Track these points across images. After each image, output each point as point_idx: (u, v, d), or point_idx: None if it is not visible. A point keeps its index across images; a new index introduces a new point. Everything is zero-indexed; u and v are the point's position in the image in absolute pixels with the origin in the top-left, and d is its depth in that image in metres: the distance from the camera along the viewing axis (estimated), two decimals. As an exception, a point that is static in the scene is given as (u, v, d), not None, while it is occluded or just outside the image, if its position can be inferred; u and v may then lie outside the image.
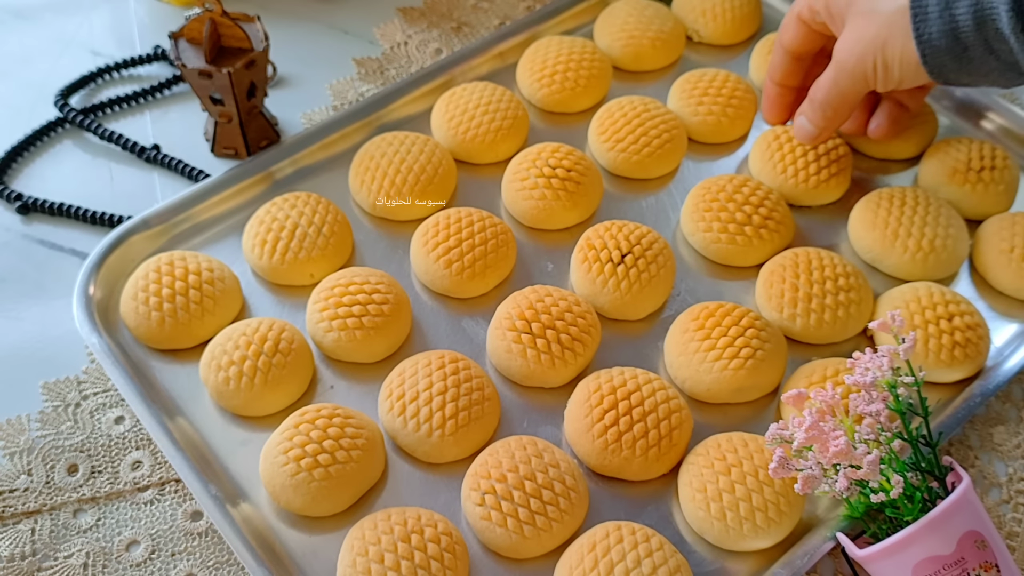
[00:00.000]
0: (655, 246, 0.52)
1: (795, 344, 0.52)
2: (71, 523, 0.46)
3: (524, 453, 0.44)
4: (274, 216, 0.53)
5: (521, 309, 0.49)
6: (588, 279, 0.52)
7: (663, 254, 0.52)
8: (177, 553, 0.45)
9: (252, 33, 0.56)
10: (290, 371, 0.48)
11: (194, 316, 0.50)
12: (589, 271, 0.52)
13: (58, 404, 0.49)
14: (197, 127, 0.62)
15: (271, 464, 0.44)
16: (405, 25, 0.70)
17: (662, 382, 0.47)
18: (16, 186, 0.59)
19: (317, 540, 0.44)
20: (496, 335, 0.50)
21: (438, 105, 0.61)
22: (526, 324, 0.49)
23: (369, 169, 0.56)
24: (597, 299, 0.52)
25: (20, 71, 0.66)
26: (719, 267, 0.56)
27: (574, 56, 0.63)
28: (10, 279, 0.55)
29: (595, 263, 0.52)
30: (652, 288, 0.52)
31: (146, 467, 0.47)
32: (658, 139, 0.59)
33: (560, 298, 0.50)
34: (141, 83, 0.65)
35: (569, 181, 0.55)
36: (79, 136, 0.62)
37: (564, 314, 0.49)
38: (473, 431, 0.46)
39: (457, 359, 0.48)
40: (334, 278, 0.51)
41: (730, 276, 0.55)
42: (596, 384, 0.47)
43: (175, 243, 0.55)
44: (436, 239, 0.52)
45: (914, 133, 0.61)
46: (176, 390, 0.49)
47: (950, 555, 0.39)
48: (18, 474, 0.47)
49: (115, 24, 0.69)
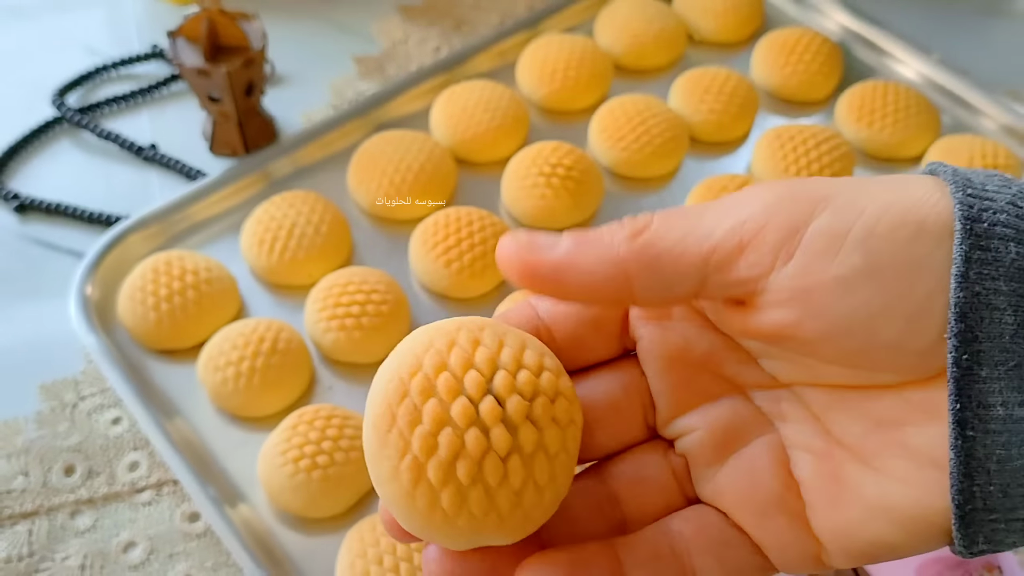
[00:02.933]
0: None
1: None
2: (68, 524, 0.45)
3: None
4: (272, 215, 0.53)
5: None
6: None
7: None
8: (175, 554, 0.45)
9: (250, 31, 0.56)
10: (288, 372, 0.47)
11: (192, 316, 0.49)
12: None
13: (55, 405, 0.49)
14: (195, 126, 0.62)
15: (269, 465, 0.44)
16: (405, 23, 0.70)
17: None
18: (12, 185, 0.59)
19: (316, 541, 0.44)
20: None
21: (438, 103, 0.61)
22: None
23: (368, 168, 0.56)
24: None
25: (16, 69, 0.65)
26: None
27: (575, 54, 0.63)
28: (6, 279, 0.54)
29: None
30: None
31: (144, 468, 0.47)
32: (659, 138, 0.58)
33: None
34: (139, 82, 0.65)
35: (569, 180, 0.55)
36: (76, 135, 0.62)
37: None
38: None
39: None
40: (333, 278, 0.50)
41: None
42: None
43: (173, 243, 0.55)
44: (436, 239, 0.52)
45: (918, 130, 0.61)
46: (174, 391, 0.49)
47: (953, 556, 0.39)
48: (15, 475, 0.47)
49: (112, 22, 0.69)
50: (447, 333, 0.22)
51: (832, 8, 0.69)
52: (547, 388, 0.22)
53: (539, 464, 0.21)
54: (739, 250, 0.21)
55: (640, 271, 0.22)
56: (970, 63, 0.67)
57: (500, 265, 0.23)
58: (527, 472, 0.21)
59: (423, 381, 0.21)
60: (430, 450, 0.21)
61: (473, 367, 0.21)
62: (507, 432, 0.21)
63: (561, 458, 0.22)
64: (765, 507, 0.23)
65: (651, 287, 0.22)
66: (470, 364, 0.22)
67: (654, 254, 0.22)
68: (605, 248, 0.22)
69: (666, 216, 0.22)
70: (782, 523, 0.22)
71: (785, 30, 0.66)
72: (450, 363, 0.22)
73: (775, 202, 0.21)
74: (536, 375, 0.22)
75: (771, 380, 0.24)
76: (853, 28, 0.68)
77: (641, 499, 0.24)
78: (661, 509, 0.24)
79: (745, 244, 0.21)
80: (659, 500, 0.24)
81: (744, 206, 0.21)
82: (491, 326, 0.23)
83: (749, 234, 0.21)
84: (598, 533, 0.24)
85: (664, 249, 0.22)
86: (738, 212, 0.21)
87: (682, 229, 0.22)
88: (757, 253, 0.21)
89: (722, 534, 0.23)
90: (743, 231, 0.21)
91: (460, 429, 0.21)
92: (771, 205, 0.21)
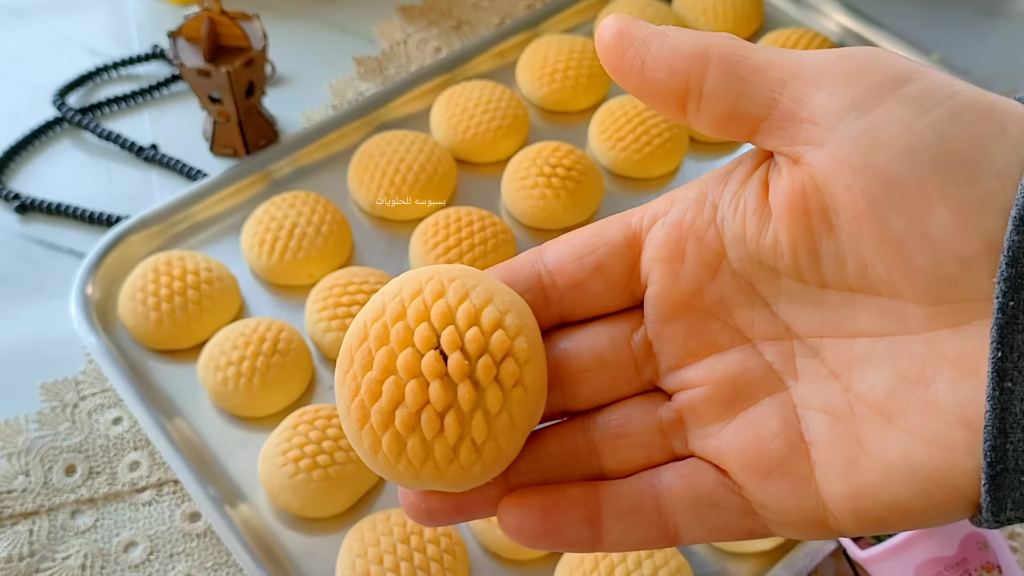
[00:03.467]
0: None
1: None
2: (69, 524, 0.45)
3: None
4: (273, 216, 0.53)
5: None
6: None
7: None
8: (175, 554, 0.45)
9: (251, 32, 0.56)
10: (289, 372, 0.47)
11: (192, 316, 0.49)
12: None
13: (56, 405, 0.49)
14: (195, 126, 0.62)
15: (270, 465, 0.44)
16: (405, 24, 0.70)
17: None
18: (14, 186, 0.59)
19: (316, 541, 0.44)
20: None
21: (437, 104, 0.61)
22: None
23: (368, 168, 0.56)
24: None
25: (18, 70, 0.65)
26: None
27: (575, 55, 0.63)
28: (7, 279, 0.54)
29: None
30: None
31: (144, 468, 0.47)
32: (659, 138, 0.58)
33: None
34: (139, 82, 0.65)
35: (569, 180, 0.55)
36: (77, 135, 0.62)
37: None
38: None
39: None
40: (333, 278, 0.51)
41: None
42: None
43: (173, 243, 0.55)
44: (436, 239, 0.52)
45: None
46: (174, 391, 0.49)
47: (952, 556, 0.39)
48: (16, 475, 0.47)
49: (113, 23, 0.69)
50: (418, 282, 0.23)
51: (832, 8, 0.69)
52: (495, 348, 0.22)
53: (476, 423, 0.21)
54: (820, 84, 0.20)
55: (720, 63, 0.21)
56: (970, 63, 0.67)
57: (596, 35, 0.22)
58: (463, 429, 0.21)
59: (380, 328, 0.22)
60: (374, 396, 0.22)
61: (427, 320, 0.22)
62: (444, 388, 0.21)
63: (503, 419, 0.22)
64: (769, 469, 0.22)
65: (722, 88, 0.21)
66: (425, 316, 0.22)
67: (741, 54, 0.21)
68: (700, 34, 0.22)
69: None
70: (786, 486, 0.21)
71: (785, 30, 0.66)
72: (408, 313, 0.22)
73: (874, 60, 0.20)
74: (487, 334, 0.22)
75: (785, 330, 0.22)
76: (853, 28, 0.68)
77: (621, 452, 0.23)
78: (640, 463, 0.23)
79: (829, 82, 0.20)
80: (639, 454, 0.23)
81: (843, 54, 0.21)
82: (465, 277, 0.23)
83: (836, 75, 0.20)
84: (571, 482, 0.23)
85: (751, 55, 0.21)
86: (834, 55, 0.21)
87: (774, 51, 0.21)
88: (836, 96, 0.20)
89: (712, 493, 0.22)
90: (832, 69, 0.20)
91: (403, 380, 0.21)
92: (868, 62, 0.20)
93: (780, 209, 0.21)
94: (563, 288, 0.24)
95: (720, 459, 0.22)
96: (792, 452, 0.21)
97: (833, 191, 0.20)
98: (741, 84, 0.21)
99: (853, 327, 0.21)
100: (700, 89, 0.21)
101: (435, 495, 0.23)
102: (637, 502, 0.22)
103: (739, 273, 0.22)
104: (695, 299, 0.23)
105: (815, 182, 0.20)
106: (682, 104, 0.22)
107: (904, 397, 0.20)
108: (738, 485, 0.22)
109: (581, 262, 0.24)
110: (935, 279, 0.19)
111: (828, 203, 0.20)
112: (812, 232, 0.21)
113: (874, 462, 0.20)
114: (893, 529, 0.21)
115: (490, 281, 0.23)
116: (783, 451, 0.22)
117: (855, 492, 0.20)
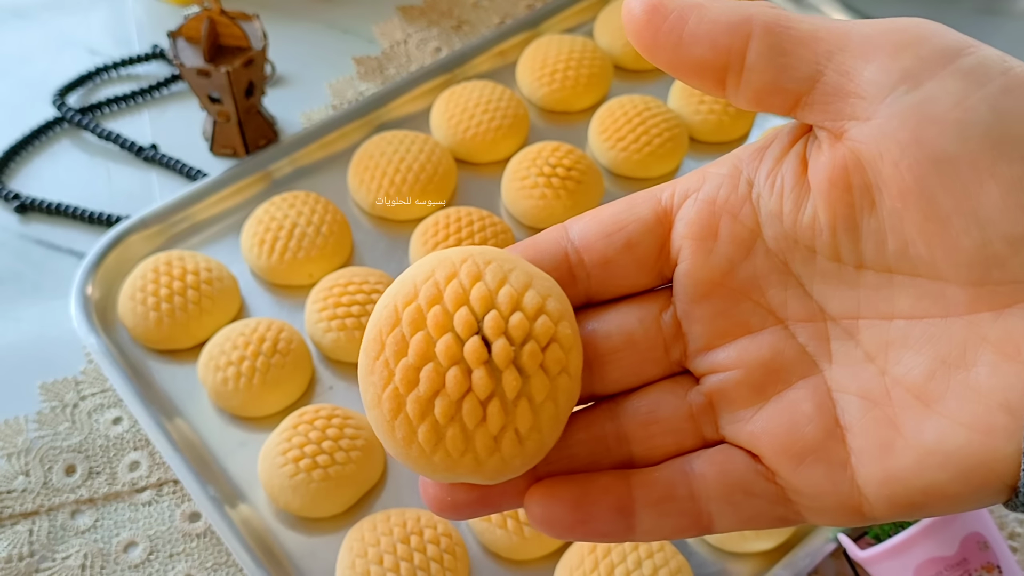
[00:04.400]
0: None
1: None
2: (69, 524, 0.45)
3: None
4: (272, 216, 0.53)
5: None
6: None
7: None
8: (175, 554, 0.45)
9: (251, 32, 0.56)
10: (289, 372, 0.47)
11: (192, 316, 0.49)
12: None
13: (56, 405, 0.49)
14: (195, 126, 0.62)
15: (270, 465, 0.44)
16: (405, 24, 0.70)
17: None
18: (13, 186, 0.59)
19: (316, 541, 0.44)
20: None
21: (438, 104, 0.61)
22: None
23: (368, 168, 0.56)
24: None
25: (17, 70, 0.65)
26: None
27: (575, 55, 0.63)
28: (7, 279, 0.54)
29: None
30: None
31: (144, 468, 0.47)
32: (659, 138, 0.58)
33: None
34: (139, 82, 0.65)
35: (569, 180, 0.55)
36: (77, 135, 0.62)
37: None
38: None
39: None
40: (333, 278, 0.51)
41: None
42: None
43: (173, 243, 0.55)
44: (436, 239, 0.52)
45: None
46: (174, 391, 0.49)
47: (952, 556, 0.39)
48: (16, 475, 0.47)
49: (113, 23, 0.69)
50: (451, 264, 0.21)
51: (832, 8, 0.69)
52: (540, 334, 0.21)
53: (521, 412, 0.20)
54: (868, 56, 0.19)
55: (764, 35, 0.20)
56: (970, 63, 0.67)
57: (625, 9, 0.21)
58: (507, 418, 0.20)
59: (415, 312, 0.21)
60: (411, 384, 0.20)
61: (467, 304, 0.21)
62: (488, 376, 0.20)
63: (547, 407, 0.21)
64: (804, 454, 0.21)
65: (765, 60, 0.20)
66: (464, 300, 0.21)
67: (785, 25, 0.20)
68: (739, 4, 0.20)
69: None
70: (821, 471, 0.21)
71: (785, 30, 0.66)
72: (445, 297, 0.21)
73: (924, 32, 0.19)
74: (532, 319, 0.21)
75: (818, 312, 0.22)
76: (853, 28, 0.68)
77: (651, 439, 0.23)
78: (671, 450, 0.23)
79: (877, 54, 0.19)
80: (670, 441, 0.23)
81: (891, 25, 0.20)
82: (500, 260, 0.22)
83: (885, 48, 0.19)
84: (600, 471, 0.22)
85: (795, 26, 0.20)
86: (882, 26, 0.20)
87: (819, 21, 0.20)
88: (885, 69, 0.19)
89: (745, 479, 0.22)
90: (880, 41, 0.19)
91: (443, 367, 0.20)
92: (918, 34, 0.19)
93: (820, 185, 0.20)
94: (590, 266, 0.23)
95: (753, 444, 0.22)
96: (827, 437, 0.21)
97: (879, 167, 0.19)
98: (784, 57, 0.20)
99: (890, 309, 0.20)
100: (742, 63, 0.20)
101: (462, 487, 0.22)
102: (669, 490, 0.22)
103: (773, 252, 0.22)
104: (727, 278, 0.22)
105: (858, 158, 0.20)
106: (721, 79, 0.21)
107: (943, 381, 0.19)
108: (771, 471, 0.22)
109: (610, 239, 0.23)
110: (980, 260, 0.19)
111: (872, 179, 0.19)
112: (853, 209, 0.20)
113: (910, 446, 0.20)
114: (927, 514, 0.20)
115: (524, 263, 0.22)
116: (818, 436, 0.21)
117: (890, 477, 0.20)
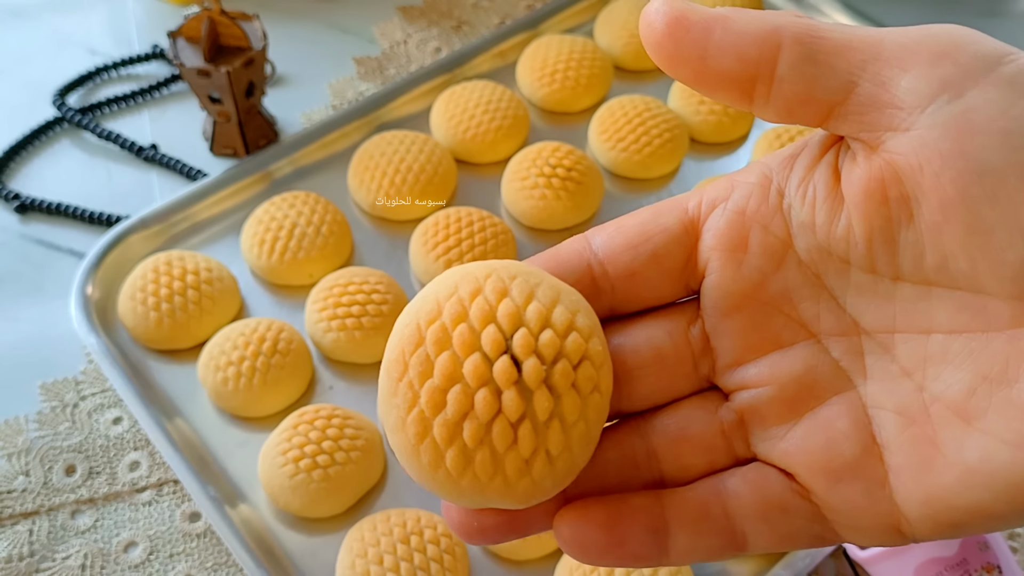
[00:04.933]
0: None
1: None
2: (69, 524, 0.45)
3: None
4: (272, 216, 0.53)
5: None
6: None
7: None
8: (175, 554, 0.45)
9: (251, 32, 0.56)
10: (289, 372, 0.47)
11: (192, 316, 0.49)
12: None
13: (56, 405, 0.49)
14: (195, 126, 0.62)
15: (270, 465, 0.44)
16: (405, 24, 0.70)
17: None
18: (13, 185, 0.59)
19: (316, 541, 0.44)
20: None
21: (438, 104, 0.61)
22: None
23: (368, 168, 0.56)
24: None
25: (17, 70, 0.65)
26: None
27: (575, 55, 0.63)
28: (7, 279, 0.54)
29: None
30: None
31: (144, 468, 0.47)
32: (659, 138, 0.58)
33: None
34: (139, 82, 0.65)
35: (569, 181, 0.55)
36: (77, 135, 0.62)
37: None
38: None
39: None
40: (333, 278, 0.51)
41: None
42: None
43: (173, 243, 0.55)
44: (436, 239, 0.52)
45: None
46: (174, 391, 0.49)
47: (952, 556, 0.39)
48: (16, 475, 0.47)
49: (113, 23, 0.69)
50: (475, 279, 0.20)
51: (832, 8, 0.69)
52: (571, 351, 0.20)
53: (553, 433, 0.20)
54: (905, 65, 0.19)
55: (794, 46, 0.19)
56: (970, 63, 0.67)
57: (643, 22, 0.20)
58: (538, 440, 0.20)
59: (439, 331, 0.20)
60: (437, 407, 0.19)
61: (494, 321, 0.20)
62: (519, 397, 0.19)
63: (579, 427, 0.20)
64: (840, 472, 0.20)
65: (796, 72, 0.19)
66: (491, 318, 0.20)
67: (816, 35, 0.19)
68: (765, 14, 0.20)
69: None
70: (858, 489, 0.20)
71: (785, 31, 0.66)
72: (470, 314, 0.20)
73: (961, 39, 0.19)
74: (562, 336, 0.20)
75: (853, 325, 0.21)
76: (853, 29, 0.68)
77: (683, 458, 0.22)
78: (703, 469, 0.22)
79: (914, 63, 0.18)
80: (702, 459, 0.22)
81: (926, 32, 0.19)
82: (525, 275, 0.21)
83: (922, 56, 0.18)
84: (631, 490, 0.22)
85: (827, 35, 0.19)
86: (917, 33, 0.19)
87: (850, 29, 0.20)
88: (923, 79, 0.18)
89: (780, 498, 0.21)
90: (916, 49, 0.19)
91: (471, 388, 0.19)
92: (955, 41, 0.19)
93: (855, 197, 0.20)
94: (615, 278, 0.22)
95: (787, 462, 0.21)
96: (864, 454, 0.20)
97: (918, 179, 0.19)
98: (816, 68, 0.19)
99: (928, 323, 0.20)
100: (772, 75, 0.20)
101: (489, 511, 0.21)
102: (704, 510, 0.21)
103: (806, 264, 0.21)
104: (758, 291, 0.21)
105: (895, 169, 0.19)
106: (749, 91, 0.20)
107: (985, 397, 0.19)
108: (806, 489, 0.21)
109: (636, 251, 0.22)
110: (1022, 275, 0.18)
111: (910, 191, 0.19)
112: (890, 221, 0.19)
113: (951, 464, 0.19)
114: (969, 533, 0.20)
115: (549, 277, 0.21)
116: (855, 453, 0.20)
117: (932, 496, 0.19)
